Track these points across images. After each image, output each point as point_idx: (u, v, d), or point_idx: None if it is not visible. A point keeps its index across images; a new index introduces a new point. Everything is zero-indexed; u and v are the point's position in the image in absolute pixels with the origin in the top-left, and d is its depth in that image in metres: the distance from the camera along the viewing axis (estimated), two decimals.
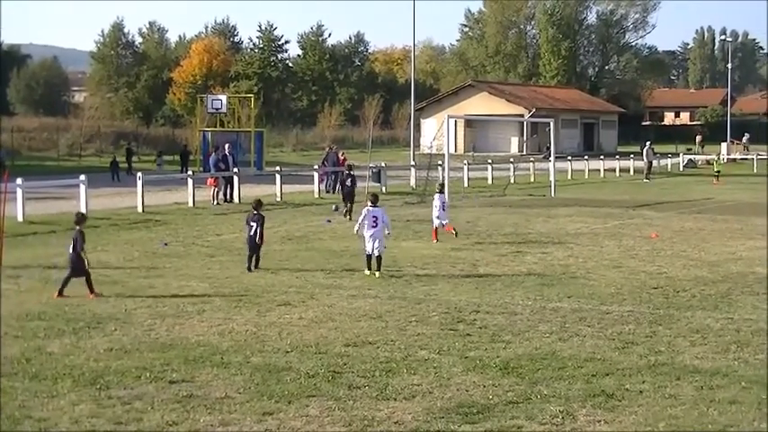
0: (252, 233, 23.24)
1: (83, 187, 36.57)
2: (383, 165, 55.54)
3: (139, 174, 40.74)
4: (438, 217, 29.80)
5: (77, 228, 20.15)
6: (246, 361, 14.12)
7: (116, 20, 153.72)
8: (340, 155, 54.48)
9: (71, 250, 19.78)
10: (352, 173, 38.73)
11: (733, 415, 11.65)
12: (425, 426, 11.22)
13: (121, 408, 11.81)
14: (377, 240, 22.80)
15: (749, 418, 11.55)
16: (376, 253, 22.68)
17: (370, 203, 23.65)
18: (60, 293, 19.25)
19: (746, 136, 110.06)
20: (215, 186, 43.68)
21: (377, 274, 22.45)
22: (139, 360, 14.11)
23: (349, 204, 36.81)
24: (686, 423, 11.33)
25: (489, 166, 62.93)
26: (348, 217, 35.62)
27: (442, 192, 31.07)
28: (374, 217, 23.20)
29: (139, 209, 38.16)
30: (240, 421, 11.36)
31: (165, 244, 27.95)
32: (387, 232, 23.59)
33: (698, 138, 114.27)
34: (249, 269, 22.97)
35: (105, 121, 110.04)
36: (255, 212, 23.64)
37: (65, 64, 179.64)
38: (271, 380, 13.07)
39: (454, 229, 29.74)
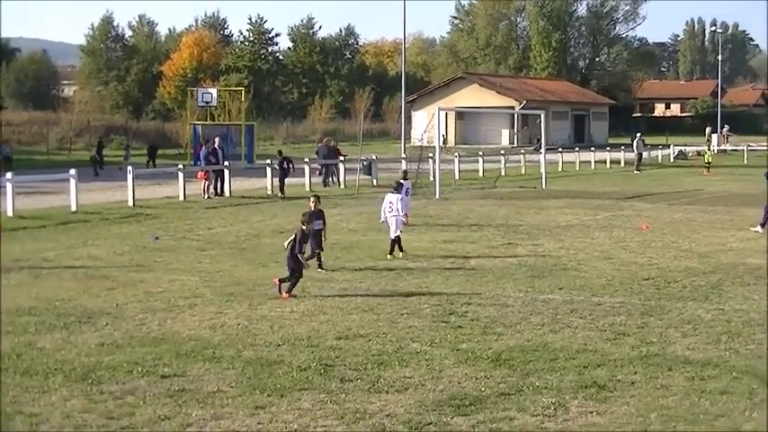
0: (317, 228, 21.99)
1: (72, 181, 36.48)
2: (374, 157, 55.52)
3: (130, 167, 40.64)
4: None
5: (301, 228, 19.53)
6: (238, 355, 14.11)
7: (106, 13, 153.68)
8: (331, 145, 54.79)
9: (290, 250, 19.19)
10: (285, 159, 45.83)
11: (724, 405, 11.67)
12: (418, 418, 11.22)
13: (113, 402, 11.80)
14: (393, 224, 24.17)
15: (740, 408, 11.57)
16: (392, 236, 24.09)
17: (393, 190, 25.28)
18: (289, 292, 18.73)
19: (726, 128, 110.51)
20: (205, 180, 43.59)
21: (400, 254, 23.81)
22: (131, 355, 14.09)
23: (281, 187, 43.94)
24: (678, 413, 11.35)
25: (480, 159, 62.94)
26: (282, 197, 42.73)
27: (405, 179, 31.48)
28: (390, 202, 24.55)
29: (130, 203, 38.07)
30: (232, 415, 11.36)
31: (156, 238, 27.91)
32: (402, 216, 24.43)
33: (707, 129, 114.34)
34: (321, 267, 21.90)
35: (95, 115, 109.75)
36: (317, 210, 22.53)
37: (54, 57, 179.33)
38: (263, 373, 13.06)
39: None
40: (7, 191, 33.66)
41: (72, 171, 37.05)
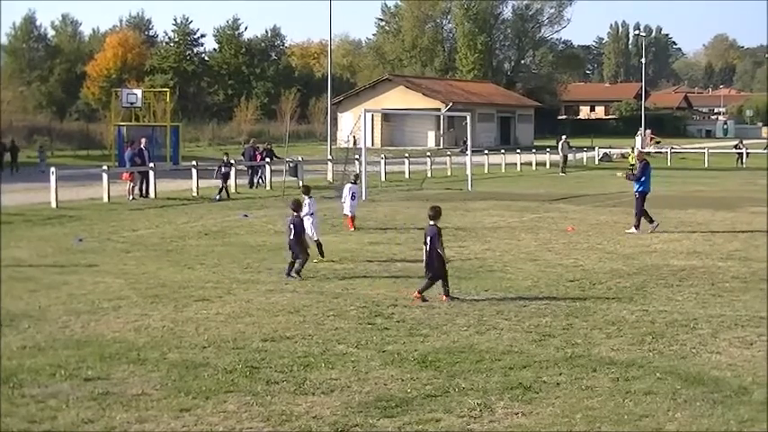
0: (291, 237, 21.46)
1: None
2: (300, 159, 55.47)
3: (53, 168, 40.22)
4: (349, 206, 30.84)
5: (433, 223, 18.96)
6: (163, 357, 14.00)
7: (28, 12, 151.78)
8: (267, 147, 54.76)
9: (427, 248, 18.68)
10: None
11: (648, 405, 11.77)
12: (344, 420, 11.20)
13: (35, 406, 11.65)
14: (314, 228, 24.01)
15: (664, 408, 11.67)
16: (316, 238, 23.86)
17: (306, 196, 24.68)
18: (421, 294, 18.44)
19: (648, 131, 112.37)
20: (130, 181, 43.28)
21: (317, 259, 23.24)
22: (54, 358, 13.92)
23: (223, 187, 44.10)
24: (602, 414, 11.42)
25: (406, 160, 63.09)
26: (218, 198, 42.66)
27: (355, 182, 31.49)
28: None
29: (53, 204, 37.69)
30: (157, 418, 11.27)
31: (80, 240, 27.65)
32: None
33: (647, 132, 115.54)
34: (289, 274, 21.10)
35: (17, 116, 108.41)
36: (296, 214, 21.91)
37: None
38: (188, 376, 12.97)
39: (354, 225, 30.70)
40: None
41: None
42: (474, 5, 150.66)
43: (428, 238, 18.75)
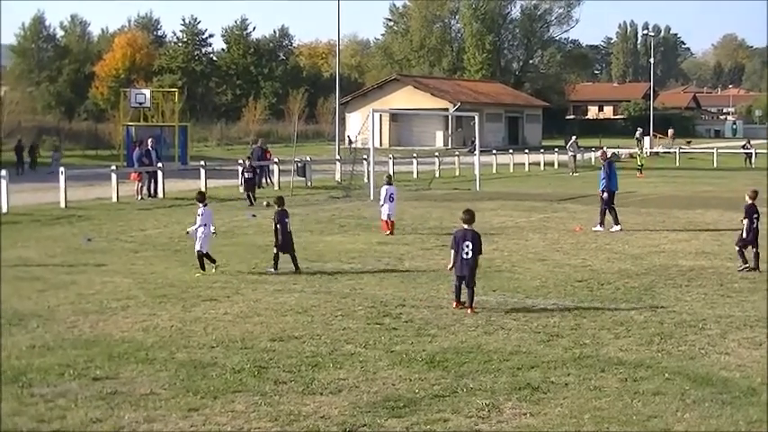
0: (288, 230, 21.81)
1: (3, 182, 36.04)
2: (308, 159, 55.45)
3: (62, 168, 40.25)
4: (388, 209, 29.93)
5: (468, 227, 17.93)
6: (171, 357, 14.01)
7: (37, 13, 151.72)
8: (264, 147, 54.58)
9: (465, 253, 17.68)
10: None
11: (656, 406, 11.76)
12: (352, 420, 11.20)
13: (44, 405, 11.66)
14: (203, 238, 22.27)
15: (672, 408, 11.66)
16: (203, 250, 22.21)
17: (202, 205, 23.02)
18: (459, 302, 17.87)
19: (639, 131, 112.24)
20: (139, 181, 43.31)
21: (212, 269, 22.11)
22: (62, 357, 13.93)
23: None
24: (611, 414, 11.41)
25: (414, 160, 63.04)
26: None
27: (390, 183, 30.75)
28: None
29: (62, 204, 37.71)
30: (165, 418, 11.27)
31: (89, 239, 27.66)
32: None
33: (670, 132, 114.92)
34: (297, 269, 21.56)
35: (26, 116, 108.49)
36: (280, 209, 22.18)
37: None
38: (196, 375, 12.98)
39: (391, 229, 29.73)
40: None
41: (3, 172, 36.58)
42: (482, 5, 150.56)
43: (466, 243, 17.73)
